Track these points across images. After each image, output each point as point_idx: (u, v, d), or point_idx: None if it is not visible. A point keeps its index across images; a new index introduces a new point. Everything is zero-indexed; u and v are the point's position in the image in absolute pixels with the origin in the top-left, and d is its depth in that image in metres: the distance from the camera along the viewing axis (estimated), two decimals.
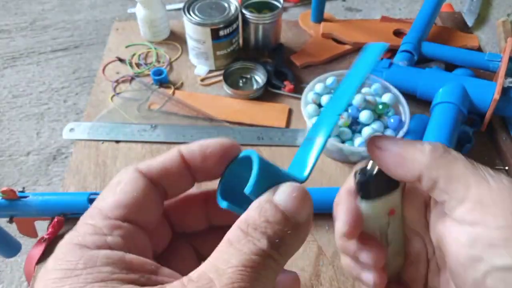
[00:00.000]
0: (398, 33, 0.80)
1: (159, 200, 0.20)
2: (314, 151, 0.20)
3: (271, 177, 0.19)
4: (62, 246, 0.16)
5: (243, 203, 0.19)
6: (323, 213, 0.55)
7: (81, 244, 0.16)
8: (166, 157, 0.20)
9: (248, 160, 0.20)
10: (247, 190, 0.18)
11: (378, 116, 0.62)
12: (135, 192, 0.18)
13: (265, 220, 0.16)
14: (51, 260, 0.16)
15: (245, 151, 0.20)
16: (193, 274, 0.15)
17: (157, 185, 0.19)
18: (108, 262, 0.15)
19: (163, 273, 0.17)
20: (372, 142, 0.21)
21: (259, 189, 0.18)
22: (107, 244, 0.16)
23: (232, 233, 0.16)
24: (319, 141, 0.20)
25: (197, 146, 0.20)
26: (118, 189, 0.18)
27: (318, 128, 0.21)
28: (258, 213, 0.17)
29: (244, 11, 0.72)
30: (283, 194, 0.17)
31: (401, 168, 0.20)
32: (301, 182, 0.20)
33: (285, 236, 0.16)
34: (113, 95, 0.71)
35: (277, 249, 0.16)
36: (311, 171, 0.20)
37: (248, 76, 0.74)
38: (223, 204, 0.20)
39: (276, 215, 0.17)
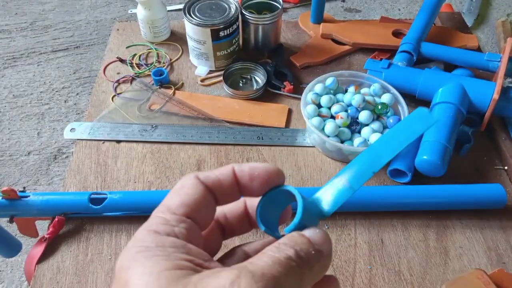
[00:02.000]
0: (397, 34, 0.80)
1: (213, 204, 0.23)
2: (343, 195, 0.24)
3: (307, 217, 0.23)
4: (140, 232, 0.20)
5: (275, 227, 0.24)
6: None
7: (155, 230, 0.20)
8: (220, 171, 0.23)
9: (287, 193, 0.24)
10: (287, 230, 0.22)
11: (377, 116, 0.62)
12: (196, 195, 0.22)
13: (295, 243, 0.21)
14: (130, 241, 0.20)
15: (288, 186, 0.24)
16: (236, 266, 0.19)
17: (211, 192, 0.23)
18: (173, 246, 0.19)
19: (214, 265, 0.20)
20: None
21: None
22: (174, 233, 0.20)
23: (269, 247, 0.21)
24: (348, 190, 0.24)
25: (248, 167, 0.24)
26: (182, 192, 0.22)
27: (354, 175, 0.24)
28: (289, 238, 0.21)
29: (244, 11, 0.72)
30: (311, 230, 0.22)
31: None
32: (324, 216, 0.24)
33: (310, 255, 0.21)
34: (114, 95, 0.71)
35: (302, 260, 0.20)
36: (333, 210, 0.24)
37: (248, 76, 0.74)
38: (262, 227, 0.24)
39: (303, 239, 0.21)
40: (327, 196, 0.24)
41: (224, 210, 0.26)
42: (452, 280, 0.39)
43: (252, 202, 0.25)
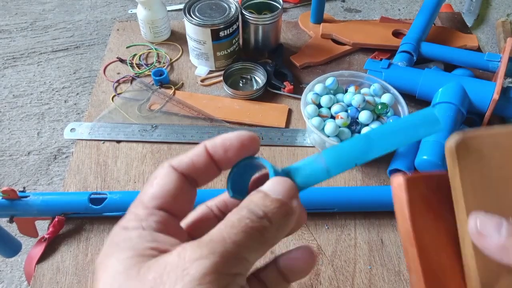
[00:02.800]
0: (397, 34, 0.80)
1: (190, 190, 0.23)
2: (317, 178, 0.23)
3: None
4: (113, 230, 0.21)
5: (245, 193, 0.23)
6: (323, 213, 0.56)
7: (124, 226, 0.21)
8: (193, 152, 0.23)
9: (259, 164, 0.23)
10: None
11: (377, 116, 0.62)
12: (169, 184, 0.22)
13: (249, 201, 0.21)
14: (107, 240, 0.21)
15: (261, 159, 0.24)
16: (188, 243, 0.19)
17: (188, 177, 0.23)
18: (139, 237, 0.20)
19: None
20: (474, 225, 0.23)
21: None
22: (141, 227, 0.21)
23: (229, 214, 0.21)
24: (325, 174, 0.23)
25: (220, 139, 0.23)
26: (154, 183, 0.22)
27: (335, 158, 0.23)
28: (247, 199, 0.21)
29: (244, 12, 0.72)
30: (269, 182, 0.22)
31: (506, 257, 0.22)
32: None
33: (267, 208, 0.20)
34: (114, 95, 0.71)
35: (257, 216, 0.20)
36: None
37: (248, 76, 0.74)
38: (230, 193, 0.24)
39: (259, 194, 0.21)
40: (302, 172, 0.23)
41: (224, 199, 0.26)
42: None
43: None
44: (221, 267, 0.18)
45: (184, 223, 0.25)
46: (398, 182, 0.24)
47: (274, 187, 0.21)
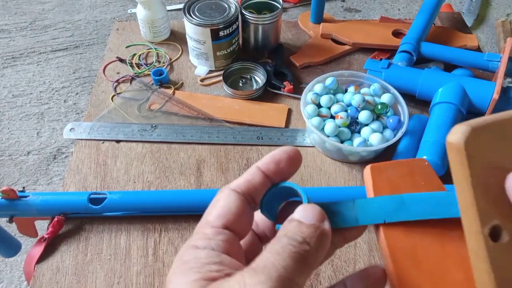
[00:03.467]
0: (397, 34, 0.80)
1: (249, 210, 0.25)
2: (346, 223, 0.25)
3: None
4: (183, 247, 0.23)
5: (275, 215, 0.26)
6: None
7: (194, 245, 0.22)
8: (247, 173, 0.25)
9: (293, 190, 0.25)
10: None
11: (377, 116, 0.62)
12: (230, 204, 0.24)
13: (286, 230, 0.22)
14: (176, 256, 0.23)
15: (294, 185, 0.25)
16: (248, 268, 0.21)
17: (246, 196, 0.25)
18: (207, 257, 0.22)
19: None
20: None
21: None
22: (210, 246, 0.22)
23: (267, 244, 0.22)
24: (354, 222, 0.25)
25: (268, 156, 0.26)
26: (217, 205, 0.24)
27: (365, 212, 0.25)
28: (283, 229, 0.23)
29: (244, 11, 0.72)
30: (298, 210, 0.24)
31: None
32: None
33: (304, 234, 0.22)
34: (114, 95, 0.71)
35: (297, 242, 0.21)
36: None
37: (248, 76, 0.74)
38: (264, 212, 0.26)
39: (293, 222, 0.23)
40: (332, 212, 0.25)
41: (256, 219, 0.28)
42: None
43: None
44: None
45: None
46: (366, 171, 0.26)
47: (305, 214, 0.23)
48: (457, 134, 0.20)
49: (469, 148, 0.20)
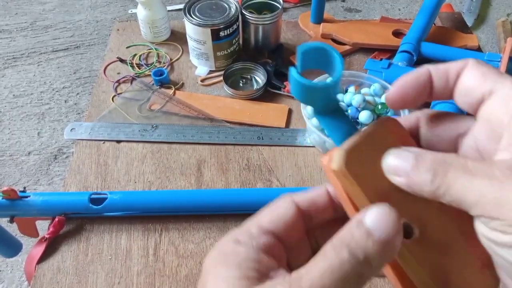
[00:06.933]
0: (397, 34, 0.80)
1: (302, 224, 0.24)
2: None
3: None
4: (225, 237, 0.23)
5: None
6: None
7: (236, 239, 0.22)
8: (315, 191, 0.25)
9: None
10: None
11: (377, 116, 0.62)
12: (285, 214, 0.24)
13: (351, 238, 0.20)
14: (217, 243, 0.23)
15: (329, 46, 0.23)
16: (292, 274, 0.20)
17: (305, 213, 0.24)
18: (246, 255, 0.21)
19: (280, 275, 0.21)
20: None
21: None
22: (251, 244, 0.22)
23: (325, 247, 0.20)
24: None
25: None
26: (273, 209, 0.24)
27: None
28: (348, 232, 0.20)
29: (244, 11, 0.72)
30: (372, 214, 0.20)
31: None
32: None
33: (368, 250, 0.19)
34: (114, 95, 0.71)
35: (358, 260, 0.19)
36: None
37: (248, 76, 0.74)
38: (298, 68, 0.25)
39: (361, 232, 0.19)
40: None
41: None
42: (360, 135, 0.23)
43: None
44: None
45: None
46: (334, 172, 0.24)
47: (379, 224, 0.19)
48: (336, 160, 0.21)
49: (351, 168, 0.21)
